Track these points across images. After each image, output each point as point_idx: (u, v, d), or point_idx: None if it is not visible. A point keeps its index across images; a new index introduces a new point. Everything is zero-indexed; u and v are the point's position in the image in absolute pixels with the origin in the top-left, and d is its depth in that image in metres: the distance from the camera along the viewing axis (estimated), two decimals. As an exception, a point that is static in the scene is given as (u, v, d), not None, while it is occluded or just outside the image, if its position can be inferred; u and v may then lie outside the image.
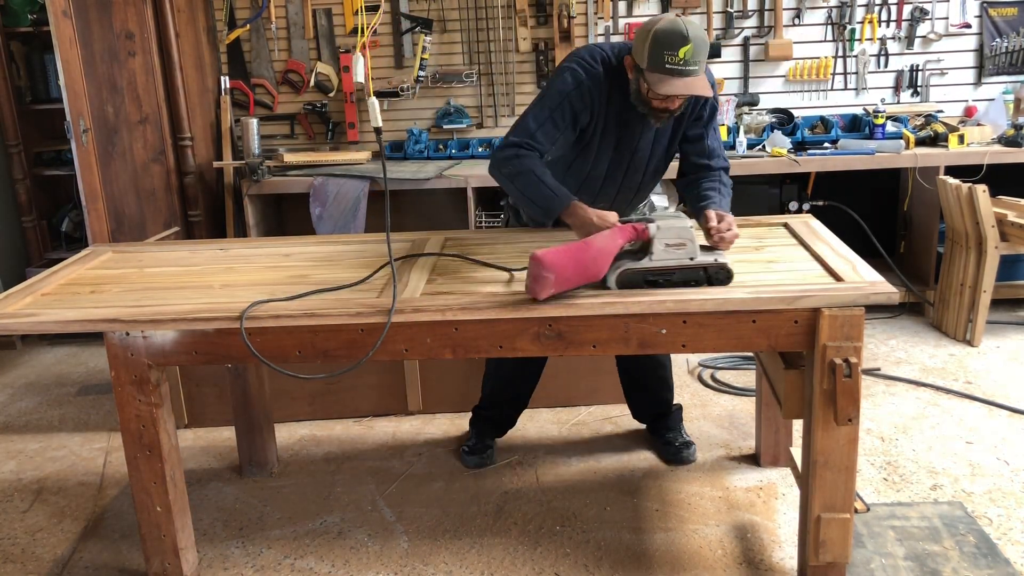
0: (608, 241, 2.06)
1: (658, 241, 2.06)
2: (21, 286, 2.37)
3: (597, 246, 2.05)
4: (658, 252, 2.07)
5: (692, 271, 2.08)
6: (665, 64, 2.19)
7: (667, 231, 2.06)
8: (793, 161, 4.03)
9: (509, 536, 2.54)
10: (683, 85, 2.21)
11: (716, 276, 2.08)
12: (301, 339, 2.11)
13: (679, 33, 2.17)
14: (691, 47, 2.17)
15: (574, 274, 2.01)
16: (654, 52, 2.19)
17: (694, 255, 2.08)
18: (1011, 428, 3.05)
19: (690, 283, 2.08)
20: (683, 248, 2.07)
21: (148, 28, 4.12)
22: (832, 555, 2.12)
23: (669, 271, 2.08)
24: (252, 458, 2.96)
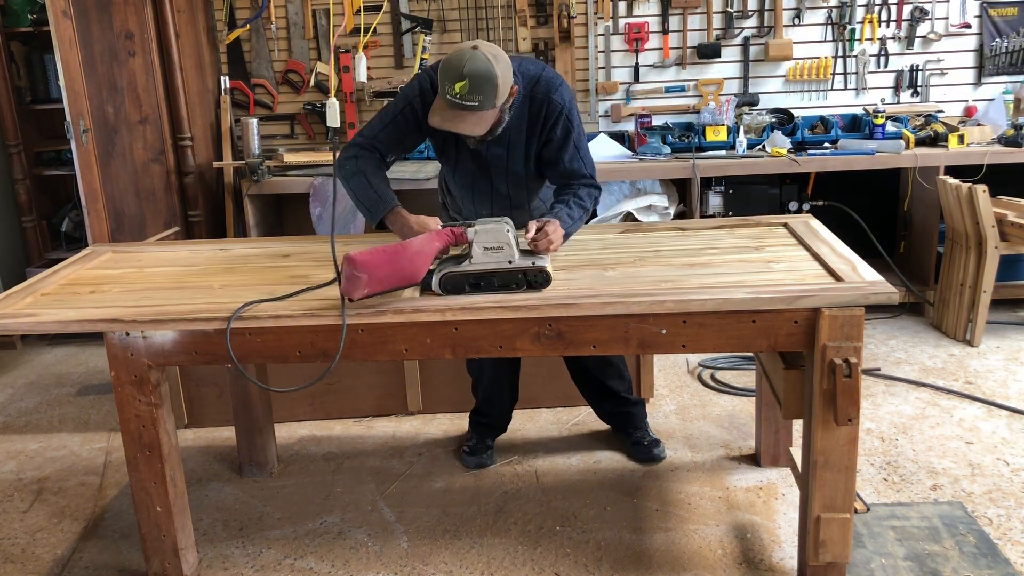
0: (425, 244, 2.12)
1: (476, 244, 2.12)
2: (21, 286, 2.37)
3: (414, 248, 2.10)
4: (477, 255, 2.12)
5: (511, 274, 2.13)
6: (446, 94, 2.21)
7: (484, 234, 2.12)
8: (793, 161, 4.03)
9: (509, 536, 2.54)
10: (452, 118, 2.24)
11: (535, 279, 2.13)
12: (301, 339, 2.11)
13: (456, 69, 2.17)
14: (466, 83, 2.16)
15: (389, 275, 2.05)
16: (440, 79, 2.22)
17: (512, 258, 2.13)
18: (1011, 428, 3.05)
19: (510, 286, 2.13)
20: (501, 251, 2.12)
21: (148, 28, 4.12)
22: (832, 555, 2.12)
23: (489, 274, 2.12)
24: (252, 458, 2.96)
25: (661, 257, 2.37)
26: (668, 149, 4.23)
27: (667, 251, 2.42)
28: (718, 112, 4.28)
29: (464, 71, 2.16)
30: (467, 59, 2.17)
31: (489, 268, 2.12)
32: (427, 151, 4.48)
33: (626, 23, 4.50)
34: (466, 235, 2.15)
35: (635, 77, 4.56)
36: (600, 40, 4.53)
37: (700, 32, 4.51)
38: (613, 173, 4.10)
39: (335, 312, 2.07)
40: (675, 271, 2.23)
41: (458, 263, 2.15)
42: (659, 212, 4.15)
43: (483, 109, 2.22)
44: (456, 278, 2.13)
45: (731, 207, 4.24)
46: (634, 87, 4.58)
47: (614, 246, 2.50)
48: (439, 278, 2.12)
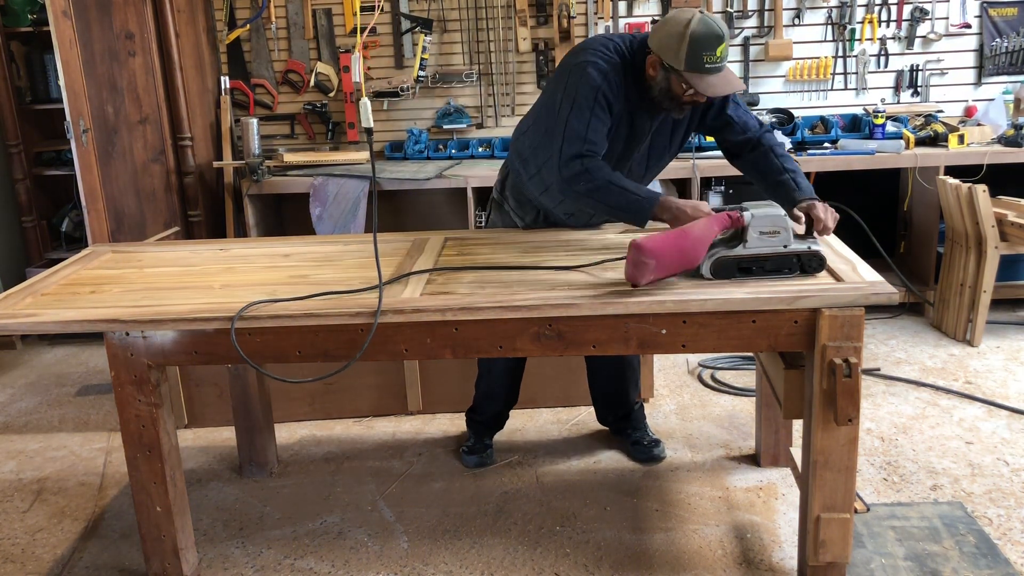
0: (705, 229, 2.09)
1: (752, 229, 2.09)
2: (21, 286, 2.37)
3: (695, 234, 2.07)
4: (752, 240, 2.09)
5: (785, 258, 2.11)
6: (705, 65, 2.22)
7: (762, 219, 2.10)
8: (793, 161, 4.02)
9: (509, 536, 2.54)
10: (724, 82, 2.27)
11: (809, 263, 2.11)
12: (301, 339, 2.11)
13: (715, 34, 2.20)
14: (725, 44, 2.22)
15: (673, 261, 2.05)
16: (692, 53, 2.21)
17: (788, 243, 2.10)
18: (1011, 428, 3.05)
19: (783, 270, 2.11)
20: (777, 236, 2.10)
21: (148, 28, 4.12)
22: (832, 555, 2.12)
23: (763, 258, 2.10)
24: (252, 458, 2.96)
25: (661, 257, 2.36)
26: (668, 149, 4.22)
27: (667, 251, 2.42)
28: (718, 112, 4.28)
29: (721, 33, 2.20)
30: (714, 22, 2.21)
31: (764, 252, 2.10)
32: (427, 151, 4.49)
33: (626, 23, 4.50)
34: (742, 219, 2.11)
35: (635, 77, 4.55)
36: (600, 40, 4.52)
37: (700, 32, 4.51)
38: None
39: (335, 312, 2.07)
40: (675, 271, 2.22)
41: (730, 247, 2.11)
42: (659, 212, 4.14)
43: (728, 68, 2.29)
44: (728, 262, 2.11)
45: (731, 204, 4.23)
46: (634, 87, 4.58)
47: (614, 246, 2.49)
48: (711, 263, 2.11)
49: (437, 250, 2.53)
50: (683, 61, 2.23)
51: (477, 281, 2.23)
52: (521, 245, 2.57)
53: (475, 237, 2.71)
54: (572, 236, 2.64)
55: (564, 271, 2.26)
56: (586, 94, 2.32)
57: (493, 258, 2.45)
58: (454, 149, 4.51)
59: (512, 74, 4.57)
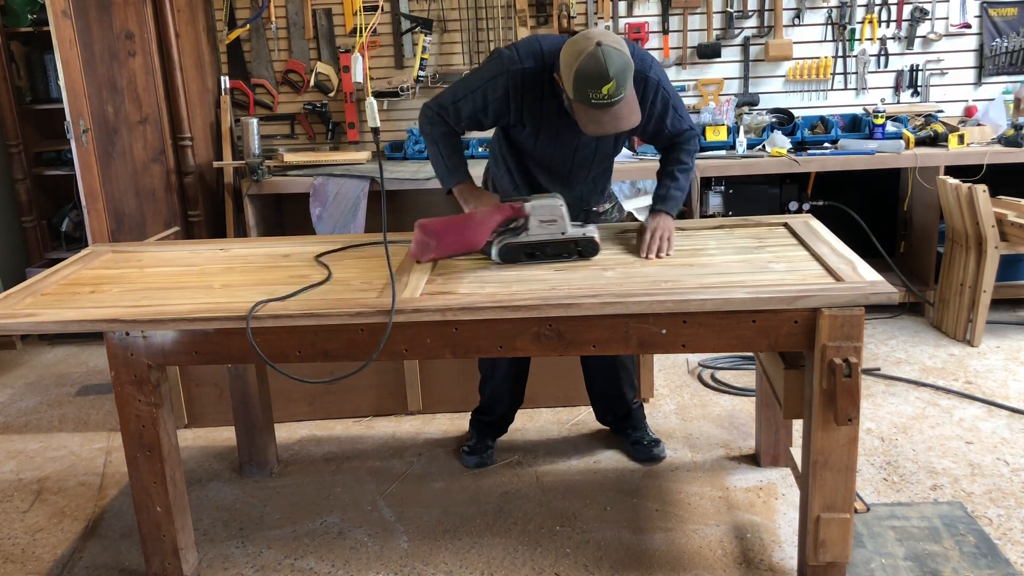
0: (486, 217, 2.31)
1: (533, 218, 2.32)
2: (21, 286, 2.37)
3: (477, 219, 2.31)
4: (533, 227, 2.33)
5: (563, 244, 2.34)
6: (591, 100, 2.16)
7: (540, 209, 2.32)
8: (793, 161, 4.03)
9: (509, 536, 2.54)
10: (609, 120, 2.21)
11: (586, 248, 2.35)
12: (301, 339, 2.11)
13: (600, 72, 2.12)
14: (613, 84, 2.13)
15: (454, 242, 2.28)
16: (578, 87, 2.16)
17: (565, 230, 2.33)
18: (1011, 428, 3.05)
19: (562, 255, 2.35)
20: (555, 224, 2.33)
21: (148, 28, 4.12)
22: (832, 555, 2.12)
23: (544, 244, 2.33)
24: (252, 458, 2.96)
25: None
26: (668, 149, 4.22)
27: (667, 251, 2.42)
28: (718, 112, 4.28)
29: (609, 73, 2.12)
30: (604, 58, 2.12)
31: (544, 239, 2.33)
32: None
33: (626, 23, 4.50)
34: (524, 209, 2.33)
35: (635, 77, 4.55)
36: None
37: (700, 32, 4.51)
38: (613, 173, 4.09)
39: (335, 312, 2.07)
40: (675, 271, 2.23)
41: (516, 235, 2.34)
42: (659, 212, 4.14)
43: (627, 97, 2.22)
44: (514, 248, 2.34)
45: (731, 207, 4.24)
46: (634, 87, 4.58)
47: (614, 246, 2.50)
48: (498, 248, 2.33)
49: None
50: (571, 90, 2.20)
51: (477, 281, 2.24)
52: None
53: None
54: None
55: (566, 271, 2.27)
56: (473, 80, 2.43)
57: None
58: (454, 149, 4.51)
59: (512, 74, 4.57)
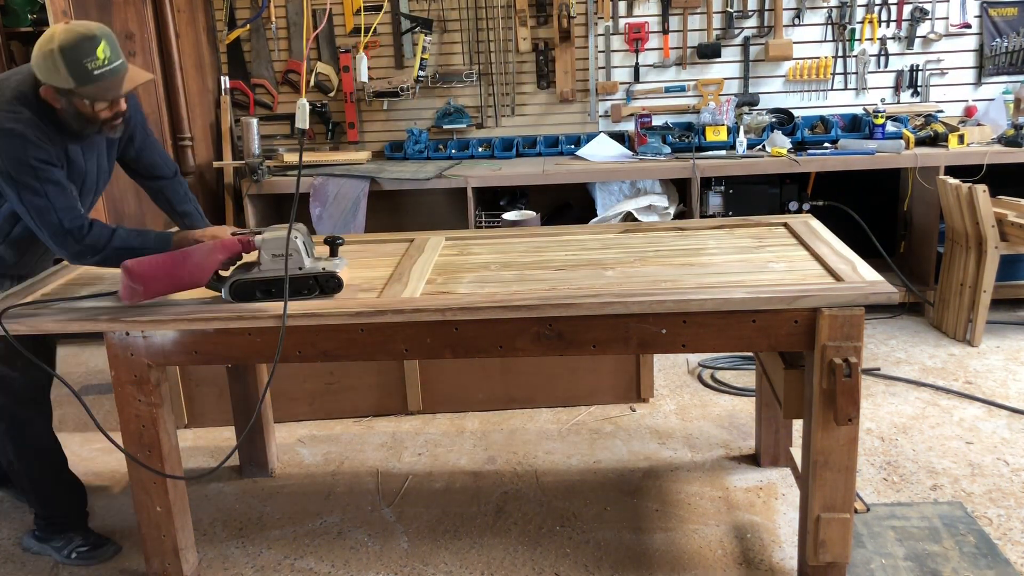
0: (207, 254, 2.12)
1: (264, 252, 2.13)
2: (21, 286, 2.37)
3: (194, 259, 2.12)
4: (265, 262, 2.13)
5: (302, 280, 2.13)
6: (93, 72, 2.03)
7: (271, 242, 2.12)
8: (793, 161, 4.03)
9: (509, 536, 2.54)
10: (125, 80, 2.10)
11: (327, 284, 2.15)
12: (301, 339, 2.11)
13: (85, 37, 2.01)
14: (104, 44, 2.03)
15: (167, 284, 2.11)
16: (74, 67, 2.01)
17: (302, 264, 2.13)
18: (1011, 428, 3.05)
19: (303, 292, 2.14)
20: (291, 258, 2.11)
21: (148, 28, 4.12)
22: (832, 555, 2.12)
23: (279, 281, 2.12)
24: (252, 458, 2.96)
25: (661, 257, 2.37)
26: (668, 149, 4.23)
27: (667, 251, 2.42)
28: (718, 112, 4.28)
29: (92, 34, 2.01)
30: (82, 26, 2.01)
31: (280, 274, 2.12)
32: (427, 151, 4.49)
33: (626, 23, 4.50)
34: (253, 243, 2.15)
35: (635, 77, 4.56)
36: (600, 40, 4.53)
37: (700, 32, 4.51)
38: (613, 173, 4.10)
39: (336, 312, 2.07)
40: (675, 271, 2.23)
41: (248, 271, 2.15)
42: (659, 212, 4.15)
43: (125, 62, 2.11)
44: (247, 285, 2.14)
45: (731, 207, 4.24)
46: (634, 87, 4.58)
47: (614, 246, 2.50)
48: (228, 286, 2.14)
49: (437, 250, 2.53)
50: (71, 79, 2.03)
51: (477, 281, 2.24)
52: (522, 244, 2.58)
53: (475, 237, 2.71)
54: (573, 236, 2.64)
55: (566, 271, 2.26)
56: (24, 170, 2.07)
57: (494, 258, 2.45)
58: (454, 149, 4.51)
59: (512, 74, 4.57)
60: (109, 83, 2.07)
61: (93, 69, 2.03)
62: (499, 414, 3.34)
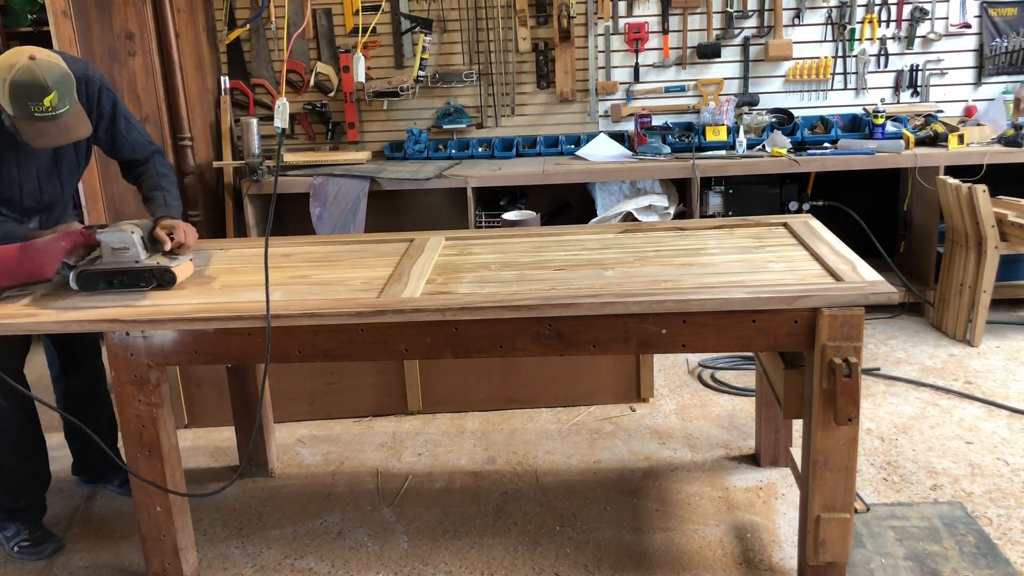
0: (49, 243, 2.28)
1: (105, 246, 2.29)
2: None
3: (36, 247, 2.27)
4: (106, 255, 2.30)
5: (138, 272, 2.30)
6: (33, 114, 2.13)
7: (111, 236, 2.29)
8: (793, 161, 4.03)
9: (509, 536, 2.54)
10: (58, 132, 2.20)
11: (162, 278, 2.31)
12: (301, 339, 2.11)
13: (38, 84, 2.10)
14: (55, 95, 2.12)
15: (11, 274, 2.25)
16: (18, 103, 2.12)
17: (138, 258, 2.30)
18: (1011, 428, 3.05)
19: (140, 284, 2.30)
20: (128, 251, 2.30)
21: (148, 28, 4.12)
22: (832, 555, 2.12)
23: (119, 272, 2.29)
24: (252, 458, 2.96)
25: (661, 257, 2.37)
26: (668, 149, 4.23)
27: (667, 251, 2.42)
28: (718, 112, 4.28)
29: (47, 83, 2.11)
30: (42, 71, 2.11)
31: (119, 267, 2.29)
32: (427, 151, 4.49)
33: (626, 23, 4.50)
34: (94, 235, 2.31)
35: (635, 77, 4.56)
36: (600, 40, 4.53)
37: (700, 32, 4.51)
38: (613, 173, 4.10)
39: (336, 312, 2.07)
40: (675, 271, 2.23)
41: (92, 262, 2.31)
42: (659, 212, 4.15)
43: (74, 109, 2.21)
44: (90, 275, 2.29)
45: (731, 207, 4.24)
46: (634, 87, 4.58)
47: (614, 246, 2.50)
48: (75, 275, 2.28)
49: (437, 250, 2.53)
50: (11, 107, 2.14)
51: (477, 281, 2.24)
52: (522, 244, 2.58)
53: (475, 237, 2.71)
54: (573, 236, 2.64)
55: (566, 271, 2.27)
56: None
57: (494, 258, 2.45)
58: (454, 149, 4.51)
59: (512, 74, 4.57)
60: (43, 128, 2.18)
61: (34, 111, 2.13)
62: (499, 414, 3.34)
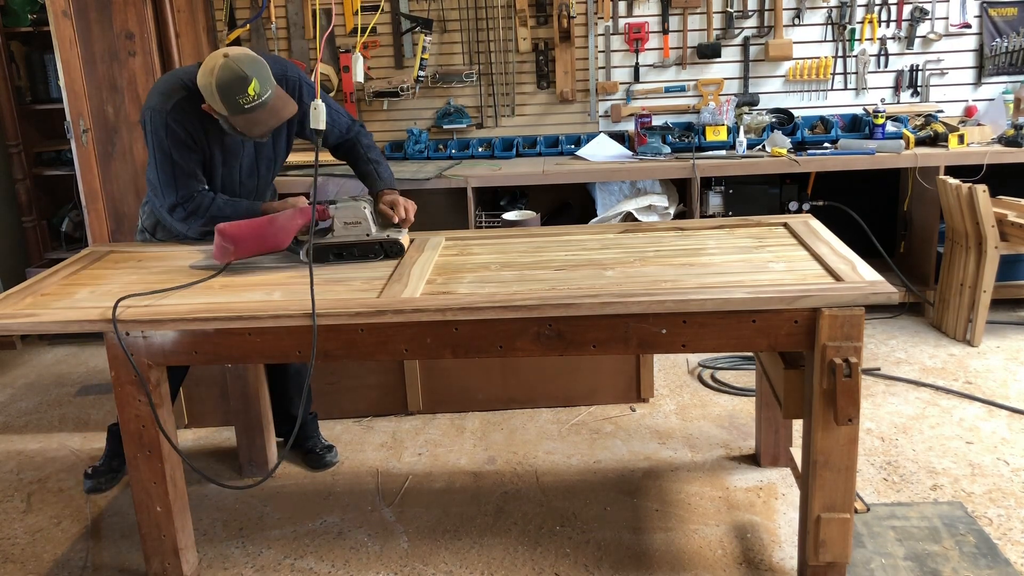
0: (288, 219, 2.39)
1: (337, 220, 2.41)
2: (21, 286, 2.37)
3: (279, 223, 2.39)
4: (338, 229, 2.42)
5: (369, 245, 2.43)
6: (243, 106, 2.31)
7: (344, 211, 2.41)
8: (793, 161, 4.03)
9: (509, 536, 2.54)
10: (270, 115, 2.37)
11: (391, 249, 2.45)
12: (301, 339, 2.11)
13: (239, 76, 2.27)
14: (256, 82, 2.30)
15: (255, 245, 2.38)
16: (227, 100, 2.30)
17: (370, 232, 2.43)
18: (1011, 428, 3.05)
19: (369, 256, 2.44)
20: (359, 226, 2.42)
21: (148, 28, 4.12)
22: (832, 555, 2.12)
23: (349, 245, 2.42)
24: (252, 458, 2.96)
25: (661, 257, 2.37)
26: (668, 149, 4.23)
27: (667, 251, 2.42)
28: (718, 112, 4.28)
29: (246, 73, 2.28)
30: (238, 64, 2.27)
31: (349, 240, 2.41)
32: (427, 151, 4.49)
33: (626, 23, 4.50)
34: (328, 211, 2.41)
35: (635, 77, 4.56)
36: (600, 40, 4.53)
37: (700, 32, 4.51)
38: (613, 173, 4.10)
39: (336, 312, 2.07)
40: (675, 271, 2.23)
41: (323, 236, 2.42)
42: (659, 212, 4.15)
43: (276, 91, 2.37)
44: (321, 249, 2.41)
45: (731, 207, 4.24)
46: (634, 87, 4.58)
47: (614, 246, 2.50)
48: (304, 249, 2.38)
49: (437, 250, 2.53)
50: (223, 107, 2.32)
51: (477, 281, 2.24)
52: (522, 244, 2.58)
53: (475, 237, 2.71)
54: (573, 236, 2.64)
55: (566, 271, 2.27)
56: (159, 144, 2.46)
57: (494, 258, 2.45)
58: (454, 149, 4.51)
59: (512, 74, 4.57)
60: (256, 117, 2.35)
61: (243, 104, 2.31)
62: (499, 414, 3.34)
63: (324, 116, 2.35)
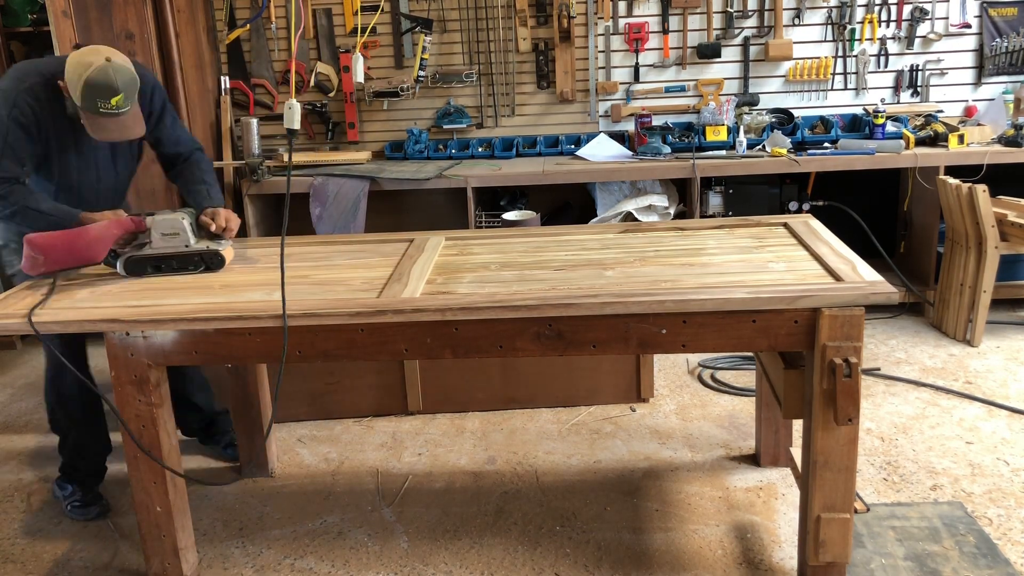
0: (103, 230, 2.35)
1: (155, 231, 2.39)
2: (21, 286, 2.37)
3: (92, 234, 2.34)
4: (156, 241, 2.40)
5: (187, 257, 2.41)
6: (99, 109, 2.33)
7: (161, 223, 2.39)
8: (793, 161, 4.03)
9: (509, 536, 2.54)
10: (116, 128, 2.39)
11: (211, 261, 2.42)
12: (301, 339, 2.11)
13: (109, 85, 2.31)
14: (121, 96, 2.33)
15: (66, 256, 2.32)
16: (87, 98, 2.32)
17: (188, 243, 2.41)
18: (1011, 428, 3.05)
19: (188, 268, 2.41)
20: (177, 237, 2.40)
21: (148, 28, 4.12)
22: (832, 555, 2.12)
23: (168, 257, 2.40)
24: (252, 458, 2.96)
25: (661, 257, 2.37)
26: (668, 149, 4.23)
27: (667, 251, 2.43)
28: (718, 112, 4.28)
29: (118, 85, 2.31)
30: (116, 75, 2.31)
31: (168, 252, 2.40)
32: (427, 151, 4.49)
33: (626, 23, 4.50)
34: (145, 222, 2.40)
35: (635, 77, 4.56)
36: (600, 40, 4.53)
37: (700, 32, 4.51)
38: (613, 173, 4.10)
39: (336, 312, 2.07)
40: (675, 271, 2.23)
41: (140, 248, 2.40)
42: (659, 212, 4.15)
43: (133, 110, 2.41)
44: (138, 261, 2.39)
45: (731, 207, 4.24)
46: (634, 87, 4.58)
47: (614, 246, 2.50)
48: (123, 261, 2.38)
49: (437, 250, 2.53)
50: (80, 99, 2.33)
51: (477, 281, 2.24)
52: (522, 244, 2.58)
53: (475, 237, 2.71)
54: (573, 236, 2.65)
55: (566, 271, 2.27)
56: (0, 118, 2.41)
57: (494, 258, 2.45)
58: (454, 149, 4.51)
59: (512, 74, 4.57)
60: (104, 123, 2.37)
61: (101, 108, 2.33)
62: (499, 414, 3.34)
63: (298, 116, 2.33)
